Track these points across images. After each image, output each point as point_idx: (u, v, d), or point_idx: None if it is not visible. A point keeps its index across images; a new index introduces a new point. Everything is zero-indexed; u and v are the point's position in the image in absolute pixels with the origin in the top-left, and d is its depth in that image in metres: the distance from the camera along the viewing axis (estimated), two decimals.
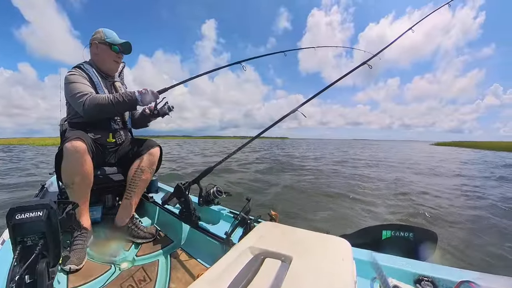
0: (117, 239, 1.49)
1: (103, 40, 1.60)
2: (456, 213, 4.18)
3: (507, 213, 4.23)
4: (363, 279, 0.85)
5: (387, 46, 1.72)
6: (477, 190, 6.01)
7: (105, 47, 1.61)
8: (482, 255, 2.74)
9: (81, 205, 1.33)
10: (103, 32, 1.62)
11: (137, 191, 1.59)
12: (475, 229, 3.47)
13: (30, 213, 0.81)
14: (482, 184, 6.97)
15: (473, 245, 2.98)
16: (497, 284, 0.78)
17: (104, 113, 1.47)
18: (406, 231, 1.20)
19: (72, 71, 1.53)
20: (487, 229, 3.48)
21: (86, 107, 1.38)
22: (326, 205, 4.56)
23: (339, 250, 0.62)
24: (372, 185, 6.53)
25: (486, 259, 2.65)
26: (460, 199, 5.24)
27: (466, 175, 8.94)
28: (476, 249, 2.87)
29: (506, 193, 5.71)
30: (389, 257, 0.99)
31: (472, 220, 3.87)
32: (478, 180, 7.70)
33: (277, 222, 0.94)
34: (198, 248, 1.42)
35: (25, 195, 5.07)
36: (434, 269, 0.91)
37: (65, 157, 1.24)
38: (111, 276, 1.20)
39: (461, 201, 5.03)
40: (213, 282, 0.49)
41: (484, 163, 13.94)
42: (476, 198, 5.30)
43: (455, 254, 2.71)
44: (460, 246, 2.89)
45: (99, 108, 1.39)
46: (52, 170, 1.87)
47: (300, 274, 0.51)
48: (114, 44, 1.62)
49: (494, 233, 3.37)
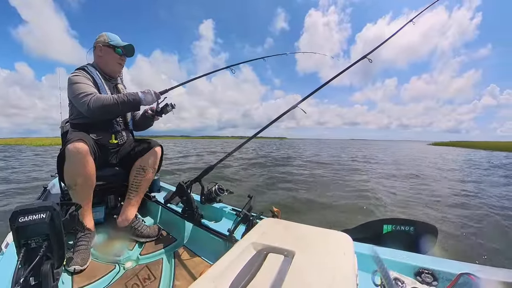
0: (120, 239, 1.50)
1: (106, 43, 1.63)
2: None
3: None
4: (364, 272, 0.85)
5: (388, 38, 1.71)
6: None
7: (109, 50, 1.64)
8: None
9: (84, 206, 1.34)
10: (107, 35, 1.65)
11: (140, 190, 1.60)
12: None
13: (34, 216, 0.81)
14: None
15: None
16: (496, 276, 0.78)
17: (109, 113, 1.48)
18: (407, 225, 1.21)
19: (75, 72, 1.54)
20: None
21: (91, 107, 1.38)
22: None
23: (341, 245, 0.63)
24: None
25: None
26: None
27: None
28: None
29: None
30: (390, 251, 1.01)
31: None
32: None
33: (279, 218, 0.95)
34: (201, 246, 1.43)
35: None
36: (434, 261, 0.92)
37: (67, 158, 1.24)
38: (115, 276, 1.21)
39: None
40: (216, 279, 0.50)
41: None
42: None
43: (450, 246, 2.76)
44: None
45: (104, 108, 1.40)
46: (54, 172, 1.87)
47: (302, 269, 0.52)
48: (118, 47, 1.65)
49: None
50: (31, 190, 5.20)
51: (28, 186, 5.78)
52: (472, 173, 9.29)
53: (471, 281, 0.77)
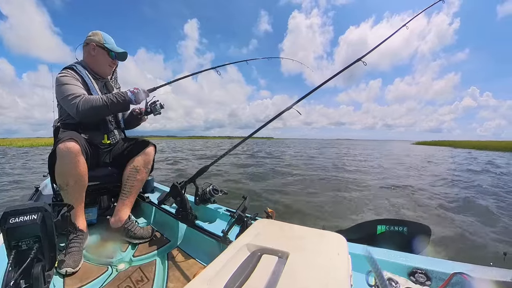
0: (113, 240, 1.48)
1: (101, 44, 1.59)
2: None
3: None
4: (358, 273, 0.86)
5: (382, 42, 1.71)
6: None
7: (103, 52, 1.60)
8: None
9: (76, 207, 1.32)
10: (102, 36, 1.60)
11: (133, 191, 1.58)
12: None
13: (24, 217, 0.80)
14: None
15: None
16: (489, 275, 0.80)
17: (98, 115, 1.46)
18: (400, 226, 1.22)
19: (63, 72, 1.49)
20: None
21: (80, 109, 1.36)
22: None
23: (335, 245, 0.63)
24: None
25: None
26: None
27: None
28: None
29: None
30: (384, 251, 1.01)
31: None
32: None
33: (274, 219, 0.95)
34: (196, 247, 1.42)
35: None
36: (428, 261, 0.93)
37: (59, 158, 1.22)
38: (108, 278, 1.19)
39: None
40: (210, 280, 0.50)
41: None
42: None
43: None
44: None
45: (93, 110, 1.38)
46: (46, 172, 1.85)
47: (297, 269, 0.52)
48: (112, 51, 1.63)
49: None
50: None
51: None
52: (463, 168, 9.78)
53: (464, 280, 0.78)
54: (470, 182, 6.85)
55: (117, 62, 1.72)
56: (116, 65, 1.74)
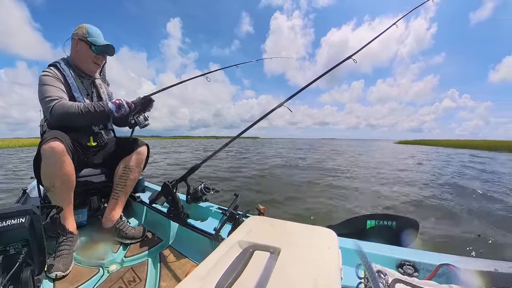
0: (104, 241, 1.46)
1: (84, 38, 1.48)
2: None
3: None
4: (348, 266, 0.88)
5: (372, 40, 1.72)
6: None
7: (85, 46, 1.50)
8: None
9: (65, 208, 1.29)
10: (87, 28, 1.49)
11: (125, 191, 1.56)
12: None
13: (12, 220, 0.78)
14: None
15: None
16: (473, 266, 0.83)
17: (72, 122, 1.35)
18: (389, 220, 1.25)
19: (46, 70, 1.42)
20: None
21: (53, 113, 1.30)
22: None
23: (326, 240, 0.65)
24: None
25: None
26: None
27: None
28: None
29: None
30: (373, 245, 1.04)
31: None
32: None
33: (266, 216, 0.96)
34: (188, 246, 1.42)
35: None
36: (415, 254, 0.97)
37: (44, 159, 1.18)
38: (99, 280, 1.18)
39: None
40: (203, 278, 0.50)
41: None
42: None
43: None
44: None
45: (67, 116, 1.30)
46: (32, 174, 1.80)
47: (288, 264, 0.53)
48: (95, 45, 1.51)
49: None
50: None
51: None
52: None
53: (450, 271, 0.81)
54: (460, 176, 7.30)
55: (103, 57, 1.60)
56: (103, 61, 1.65)
